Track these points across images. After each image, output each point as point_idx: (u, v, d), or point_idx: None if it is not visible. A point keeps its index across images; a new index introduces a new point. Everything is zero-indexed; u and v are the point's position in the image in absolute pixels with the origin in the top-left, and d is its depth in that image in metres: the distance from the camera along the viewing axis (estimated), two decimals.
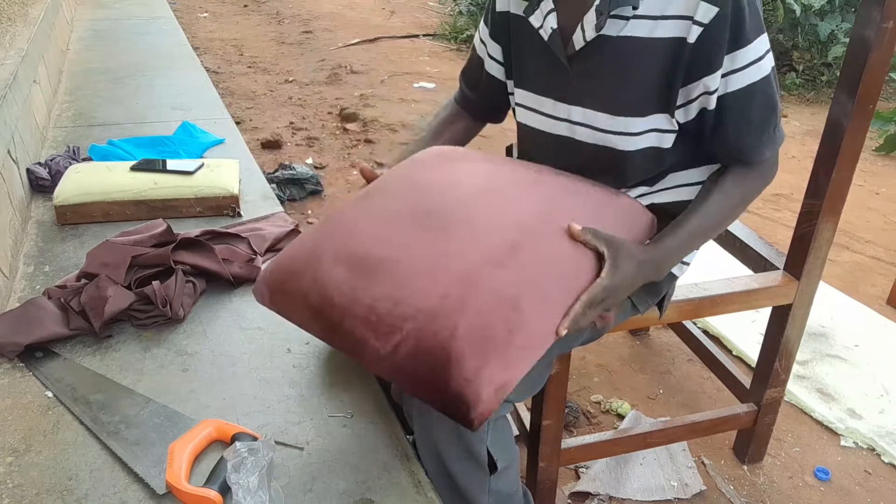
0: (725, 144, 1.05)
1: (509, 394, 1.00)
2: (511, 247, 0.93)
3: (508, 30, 1.16)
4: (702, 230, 1.06)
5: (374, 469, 1.08)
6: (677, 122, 1.04)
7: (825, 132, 1.29)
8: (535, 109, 1.15)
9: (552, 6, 1.05)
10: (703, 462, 1.62)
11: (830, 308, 2.17)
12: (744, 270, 1.48)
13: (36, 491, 1.01)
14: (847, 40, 1.80)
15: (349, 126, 3.64)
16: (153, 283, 1.38)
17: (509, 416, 1.17)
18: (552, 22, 1.05)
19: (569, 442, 1.38)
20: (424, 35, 5.63)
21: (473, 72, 1.28)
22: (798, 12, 4.32)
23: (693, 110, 1.02)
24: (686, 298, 1.30)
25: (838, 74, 1.26)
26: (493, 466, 1.04)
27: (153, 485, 1.02)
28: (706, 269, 1.50)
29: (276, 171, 2.88)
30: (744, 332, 2.03)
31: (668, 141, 1.06)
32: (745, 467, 1.62)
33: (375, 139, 3.49)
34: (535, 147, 1.19)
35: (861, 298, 2.25)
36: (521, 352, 0.87)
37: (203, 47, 4.98)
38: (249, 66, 4.65)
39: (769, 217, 2.87)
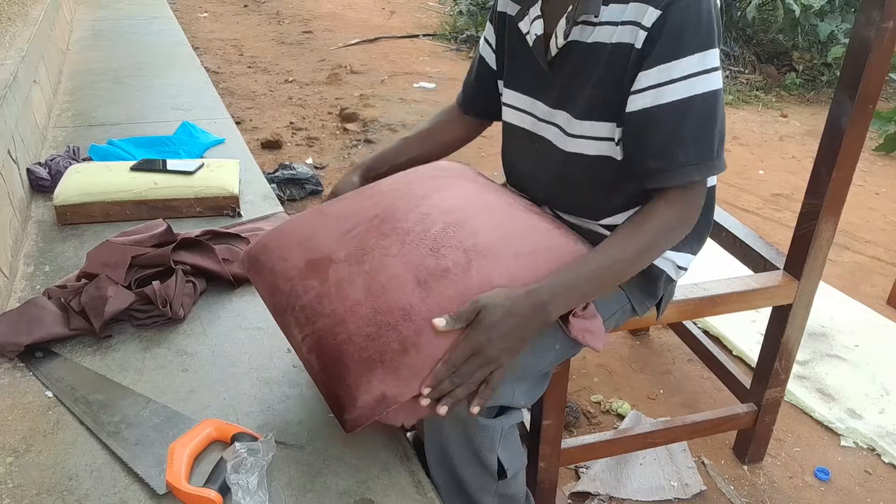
0: (651, 162, 0.99)
1: (519, 398, 1.01)
2: (441, 271, 0.94)
3: (503, 30, 1.18)
4: (602, 271, 0.97)
5: (374, 469, 1.08)
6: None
7: (825, 132, 1.29)
8: (521, 109, 1.17)
9: (539, 13, 1.07)
10: (703, 462, 1.62)
11: (830, 308, 2.17)
12: (744, 270, 1.48)
13: (36, 491, 1.01)
14: (847, 40, 1.80)
15: (349, 126, 3.64)
16: (153, 283, 1.38)
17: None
18: (538, 28, 1.07)
19: (569, 442, 1.38)
20: (424, 35, 5.63)
21: (476, 74, 1.28)
22: (798, 12, 4.32)
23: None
24: (686, 298, 1.30)
25: (838, 74, 1.26)
26: (502, 473, 1.05)
27: (153, 485, 1.02)
28: (706, 269, 1.50)
29: (276, 171, 2.88)
30: (744, 332, 2.03)
31: (619, 153, 1.06)
32: (745, 467, 1.62)
33: (375, 139, 3.49)
34: (518, 149, 1.20)
35: (861, 298, 2.25)
36: (409, 370, 0.89)
37: (203, 47, 4.98)
38: (249, 66, 4.65)
39: (769, 217, 2.87)
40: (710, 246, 1.61)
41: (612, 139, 1.05)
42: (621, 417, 1.74)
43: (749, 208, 2.94)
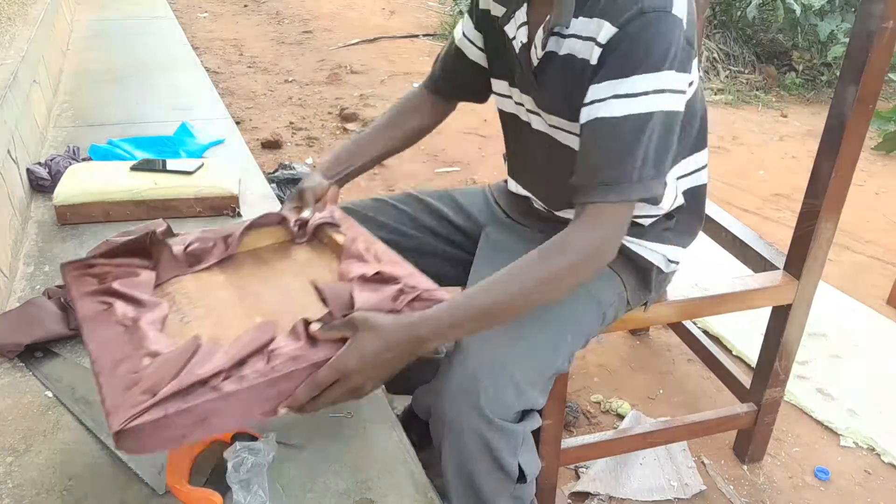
0: (576, 176, 0.98)
1: (538, 399, 1.02)
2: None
3: (488, 27, 1.17)
4: (494, 308, 0.93)
5: (374, 469, 1.08)
6: None
7: (825, 132, 1.29)
8: (517, 102, 1.17)
9: (525, 19, 1.06)
10: (703, 462, 1.62)
11: (830, 308, 2.17)
12: (744, 270, 1.48)
13: (36, 491, 1.01)
14: (847, 40, 1.80)
15: (349, 126, 3.64)
16: None
17: None
18: (523, 36, 1.07)
19: (569, 442, 1.38)
20: (424, 35, 5.63)
21: (451, 62, 1.26)
22: (798, 12, 4.32)
23: None
24: (686, 298, 1.30)
25: (838, 74, 1.26)
26: (521, 477, 1.04)
27: (153, 485, 1.02)
28: (706, 269, 1.50)
29: (276, 171, 2.87)
30: (744, 332, 2.03)
31: None
32: (745, 467, 1.61)
33: None
34: (516, 136, 1.21)
35: (861, 298, 2.25)
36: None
37: (203, 47, 4.98)
38: (249, 66, 4.65)
39: (769, 217, 2.87)
40: (711, 246, 1.62)
41: None
42: (621, 417, 1.74)
43: (749, 208, 2.94)
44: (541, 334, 1.03)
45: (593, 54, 0.96)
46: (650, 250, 1.17)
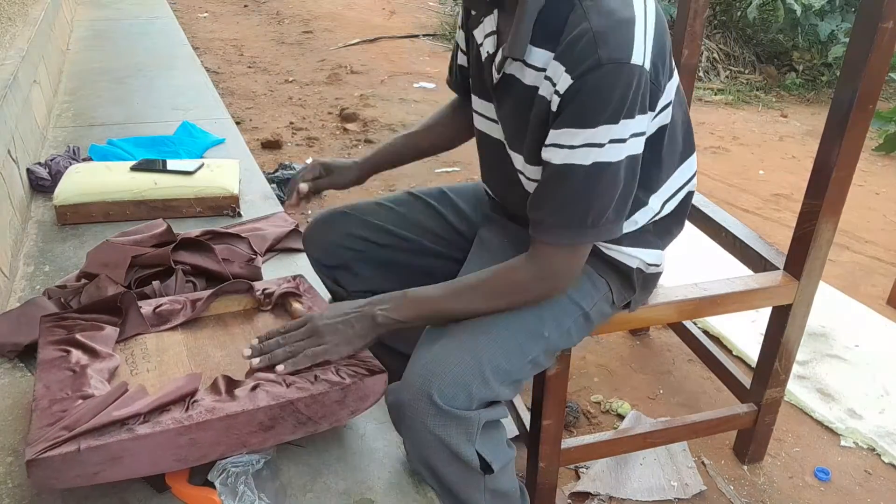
0: (530, 210, 1.00)
1: (504, 391, 1.01)
2: None
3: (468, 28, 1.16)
4: (444, 312, 1.03)
5: (374, 469, 1.08)
6: None
7: (825, 132, 1.29)
8: (482, 114, 1.15)
9: (493, 28, 1.03)
10: (703, 462, 1.62)
11: (830, 308, 2.17)
12: (744, 270, 1.48)
13: (36, 491, 1.01)
14: (847, 40, 1.80)
15: (349, 126, 3.64)
16: (153, 283, 1.38)
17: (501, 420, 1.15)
18: (489, 46, 1.04)
19: (569, 442, 1.38)
20: (424, 35, 5.63)
21: (453, 56, 1.28)
22: (798, 12, 4.32)
23: None
24: (686, 298, 1.30)
25: (838, 74, 1.26)
26: (487, 468, 1.03)
27: (153, 484, 1.02)
28: (706, 269, 1.50)
29: (276, 171, 2.88)
30: (744, 332, 2.03)
31: None
32: (745, 467, 1.62)
33: (375, 139, 3.49)
34: (485, 151, 1.20)
35: (861, 298, 2.25)
36: None
37: (203, 47, 4.98)
38: (249, 66, 4.65)
39: (769, 217, 2.87)
40: (711, 246, 1.62)
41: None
42: (621, 417, 1.74)
43: (749, 208, 2.94)
44: (513, 327, 1.03)
45: (553, 100, 0.94)
46: (629, 255, 1.15)
